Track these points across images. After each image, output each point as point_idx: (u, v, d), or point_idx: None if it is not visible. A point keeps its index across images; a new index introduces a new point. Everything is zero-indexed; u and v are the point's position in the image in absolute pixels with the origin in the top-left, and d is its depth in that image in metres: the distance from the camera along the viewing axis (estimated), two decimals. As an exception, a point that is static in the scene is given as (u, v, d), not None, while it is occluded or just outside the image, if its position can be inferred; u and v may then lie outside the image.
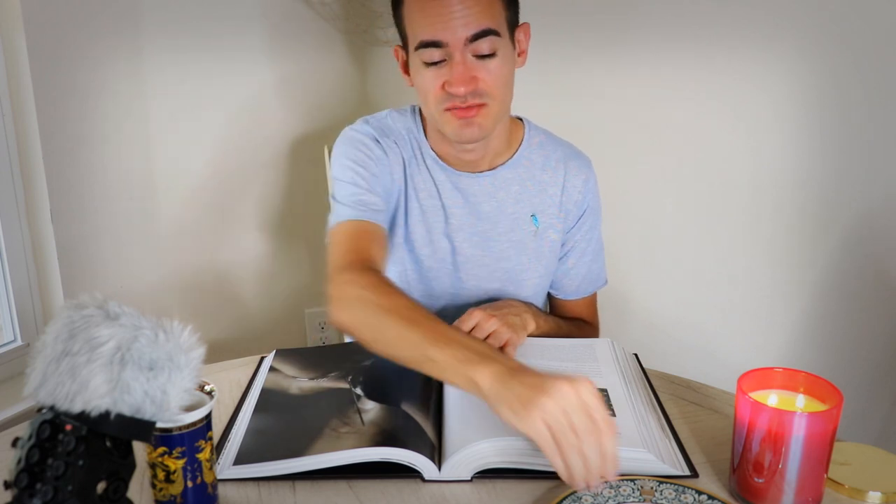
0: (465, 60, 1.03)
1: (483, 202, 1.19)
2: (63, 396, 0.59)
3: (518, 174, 1.20)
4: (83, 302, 0.62)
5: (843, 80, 1.55)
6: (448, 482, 0.81)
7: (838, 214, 1.62)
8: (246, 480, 0.82)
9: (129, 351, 0.60)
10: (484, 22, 1.03)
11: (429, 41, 1.03)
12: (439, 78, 1.05)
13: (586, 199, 1.23)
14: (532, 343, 1.08)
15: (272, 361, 1.06)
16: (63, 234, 1.47)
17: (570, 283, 1.27)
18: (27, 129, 1.41)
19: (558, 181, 1.21)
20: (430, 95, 1.07)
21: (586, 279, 1.28)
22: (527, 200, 1.20)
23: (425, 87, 1.07)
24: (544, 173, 1.21)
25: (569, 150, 1.24)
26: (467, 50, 1.03)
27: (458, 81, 1.03)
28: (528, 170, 1.21)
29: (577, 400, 0.73)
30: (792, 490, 0.74)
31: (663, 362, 1.15)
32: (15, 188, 1.42)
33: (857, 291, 1.65)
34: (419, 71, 1.07)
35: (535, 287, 1.24)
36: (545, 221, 1.22)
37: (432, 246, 1.20)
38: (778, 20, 1.56)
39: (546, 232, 1.22)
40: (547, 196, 1.21)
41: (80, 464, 0.58)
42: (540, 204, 1.21)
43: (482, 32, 1.03)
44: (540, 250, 1.22)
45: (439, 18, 1.01)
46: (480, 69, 1.04)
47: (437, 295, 1.23)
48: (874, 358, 1.66)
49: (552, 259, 1.24)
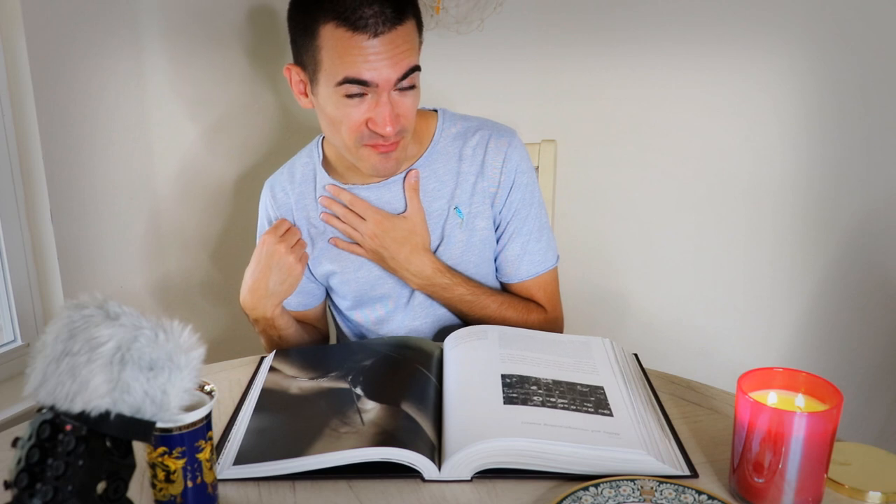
0: (390, 100, 1.04)
1: (399, 206, 1.18)
2: (63, 396, 0.59)
3: (433, 170, 1.18)
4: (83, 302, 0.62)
5: (844, 80, 1.55)
6: (448, 482, 0.81)
7: (838, 214, 1.62)
8: (246, 480, 0.82)
9: (129, 351, 0.60)
10: (411, 60, 1.04)
11: (355, 79, 1.01)
12: (361, 114, 1.04)
13: (509, 177, 1.19)
14: (526, 336, 1.08)
15: (272, 361, 1.06)
16: (63, 234, 1.47)
17: (509, 266, 1.23)
18: (27, 129, 1.41)
19: (475, 169, 1.18)
20: (349, 130, 1.06)
21: (524, 260, 1.22)
22: (447, 194, 1.18)
23: (344, 121, 1.05)
24: (462, 163, 1.19)
25: (487, 131, 1.20)
26: (393, 88, 1.04)
27: (386, 122, 1.03)
28: (443, 164, 1.19)
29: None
30: (792, 490, 0.74)
31: (663, 362, 1.15)
32: (15, 188, 1.42)
33: (857, 291, 1.65)
34: (337, 104, 1.05)
35: (475, 277, 1.21)
36: (470, 211, 1.19)
37: (357, 262, 1.22)
38: (778, 20, 1.56)
39: (473, 221, 1.19)
40: (467, 185, 1.18)
41: (80, 464, 0.58)
42: (461, 195, 1.18)
43: (409, 71, 1.04)
44: (470, 241, 1.20)
45: (368, 60, 1.00)
46: (401, 104, 1.05)
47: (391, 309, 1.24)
48: (874, 358, 1.67)
49: (486, 248, 1.21)
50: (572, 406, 0.88)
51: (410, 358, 1.03)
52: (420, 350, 1.06)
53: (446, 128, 1.21)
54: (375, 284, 1.23)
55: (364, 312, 1.26)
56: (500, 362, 0.97)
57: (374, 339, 1.25)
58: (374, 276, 1.22)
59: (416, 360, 1.03)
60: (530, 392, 0.90)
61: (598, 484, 0.77)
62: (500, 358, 0.99)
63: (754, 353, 1.74)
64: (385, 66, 1.01)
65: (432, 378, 0.98)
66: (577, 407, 0.88)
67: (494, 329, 1.08)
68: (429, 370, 1.00)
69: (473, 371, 0.97)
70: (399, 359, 1.04)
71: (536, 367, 0.97)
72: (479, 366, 0.97)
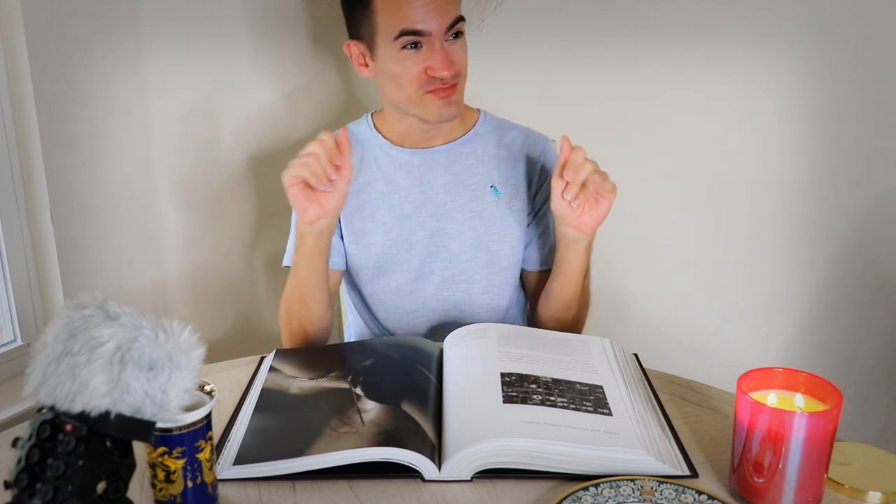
0: (443, 47, 1.14)
1: (437, 175, 1.25)
2: (63, 396, 0.59)
3: (473, 148, 1.27)
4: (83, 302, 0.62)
5: (844, 80, 1.55)
6: (448, 482, 0.81)
7: (838, 215, 1.62)
8: (246, 480, 0.82)
9: (129, 351, 0.61)
10: (456, 9, 1.15)
11: (410, 30, 1.12)
12: (419, 63, 1.14)
13: (546, 168, 1.27)
14: (525, 334, 1.08)
15: (272, 361, 1.06)
16: (63, 234, 1.47)
17: (538, 253, 1.28)
18: (27, 129, 1.41)
19: (515, 155, 1.27)
20: (410, 80, 1.15)
21: (552, 250, 1.25)
22: (485, 173, 1.26)
23: (405, 73, 1.14)
24: (500, 149, 1.27)
25: (525, 129, 1.30)
26: (444, 36, 1.13)
27: (443, 66, 1.13)
28: (483, 145, 1.27)
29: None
30: (792, 490, 0.74)
31: (663, 362, 1.15)
32: (15, 188, 1.42)
33: (857, 291, 1.65)
34: (396, 59, 1.14)
35: (510, 258, 1.26)
36: (507, 192, 1.26)
37: (394, 226, 1.25)
38: (778, 20, 1.56)
39: (510, 202, 1.26)
40: (505, 168, 1.26)
41: (80, 464, 0.58)
42: (499, 176, 1.26)
43: (457, 20, 1.14)
44: (506, 219, 1.25)
45: (420, 10, 1.11)
46: (453, 52, 1.15)
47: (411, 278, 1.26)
48: (874, 358, 1.67)
49: (521, 229, 1.27)
50: (572, 405, 0.88)
51: (410, 358, 1.03)
52: (420, 350, 1.06)
53: (487, 119, 1.30)
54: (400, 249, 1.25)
55: (384, 280, 1.27)
56: (499, 360, 0.97)
57: (373, 339, 1.25)
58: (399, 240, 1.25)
59: (416, 360, 1.03)
60: (530, 391, 0.90)
61: (598, 484, 0.77)
62: (500, 356, 0.99)
63: (754, 353, 1.74)
64: (435, 16, 1.12)
65: (432, 378, 0.98)
66: (577, 406, 0.88)
67: (493, 327, 1.08)
68: (429, 370, 1.00)
69: (473, 370, 0.97)
70: (399, 359, 1.04)
71: (535, 366, 0.97)
72: (478, 364, 0.98)
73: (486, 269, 1.25)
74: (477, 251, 1.25)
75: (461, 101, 1.20)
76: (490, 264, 1.25)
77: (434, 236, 1.25)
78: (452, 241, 1.25)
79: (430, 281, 1.26)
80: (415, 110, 1.19)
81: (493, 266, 1.25)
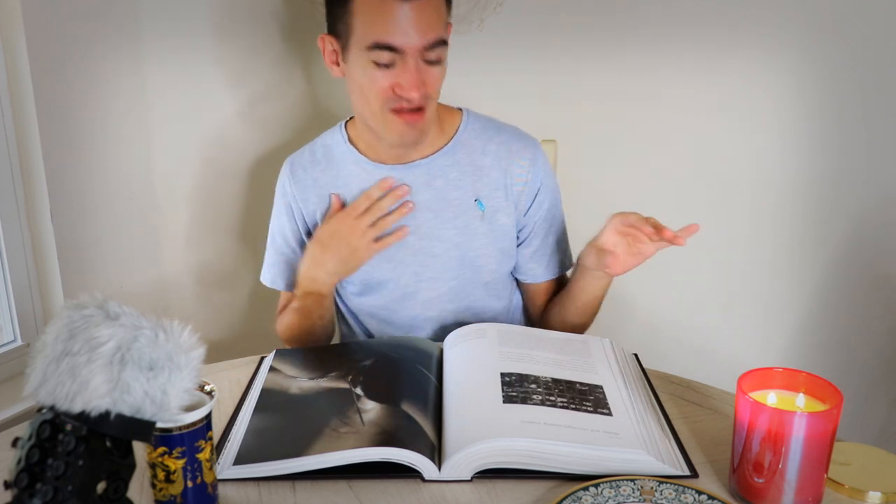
0: (417, 66, 1.06)
1: (418, 193, 1.18)
2: (63, 396, 0.59)
3: (455, 160, 1.20)
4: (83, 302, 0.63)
5: (844, 80, 1.55)
6: (448, 482, 0.81)
7: (838, 214, 1.62)
8: (246, 480, 0.82)
9: (129, 351, 0.61)
10: (438, 32, 1.07)
11: (384, 44, 1.04)
12: (388, 79, 1.07)
13: (537, 178, 1.21)
14: (525, 334, 1.08)
15: (272, 361, 1.06)
16: (63, 234, 1.46)
17: (538, 266, 1.25)
18: (27, 129, 1.41)
19: (500, 165, 1.20)
20: (376, 95, 1.08)
21: (553, 259, 1.25)
22: (468, 186, 1.19)
23: (372, 86, 1.08)
24: (484, 157, 1.20)
25: (512, 133, 1.23)
26: (420, 56, 1.06)
27: (412, 86, 1.06)
28: (466, 155, 1.20)
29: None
30: (792, 490, 0.74)
31: (663, 362, 1.15)
32: (15, 188, 1.42)
33: (857, 291, 1.65)
34: (365, 70, 1.07)
35: (494, 273, 1.23)
36: (492, 205, 1.20)
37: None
38: (778, 20, 1.56)
39: (495, 216, 1.20)
40: (490, 180, 1.20)
41: (80, 464, 0.58)
42: (483, 188, 1.20)
43: (436, 42, 1.06)
44: (492, 234, 1.20)
45: (398, 24, 1.03)
46: (427, 74, 1.08)
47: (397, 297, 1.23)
48: (874, 358, 1.67)
49: (507, 243, 1.22)
50: (571, 405, 0.88)
51: (410, 358, 1.03)
52: (420, 350, 1.06)
53: (470, 123, 1.23)
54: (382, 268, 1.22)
55: (371, 299, 1.25)
56: (499, 360, 0.98)
57: (373, 339, 1.25)
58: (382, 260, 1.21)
59: (416, 360, 1.03)
60: (530, 391, 0.90)
61: (598, 484, 0.77)
62: (500, 356, 0.99)
63: (754, 353, 1.74)
64: (413, 32, 1.04)
65: (432, 378, 0.98)
66: (577, 406, 0.88)
67: (493, 327, 1.08)
68: (429, 370, 1.00)
69: (473, 370, 0.97)
70: (399, 359, 1.04)
71: (535, 366, 0.97)
72: (478, 364, 0.98)
73: (471, 285, 1.22)
74: (461, 269, 1.21)
75: (427, 127, 1.13)
76: (475, 280, 1.22)
77: (417, 255, 1.20)
78: (436, 261, 1.20)
79: (415, 301, 1.23)
80: (376, 126, 1.13)
81: (478, 281, 1.22)
